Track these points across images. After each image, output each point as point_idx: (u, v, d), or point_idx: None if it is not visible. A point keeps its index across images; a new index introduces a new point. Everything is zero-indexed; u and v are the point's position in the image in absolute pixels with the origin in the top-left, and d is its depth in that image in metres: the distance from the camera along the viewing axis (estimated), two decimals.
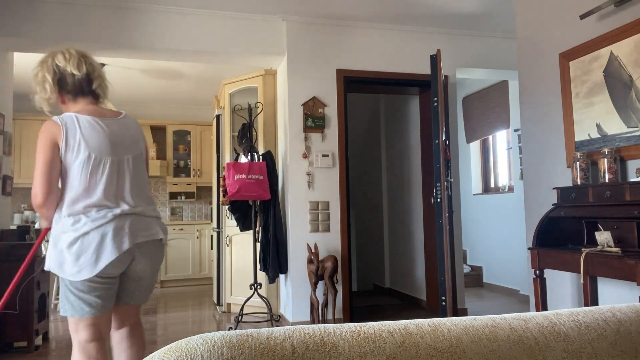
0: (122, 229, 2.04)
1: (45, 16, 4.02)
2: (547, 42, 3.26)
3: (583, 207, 2.68)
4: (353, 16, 4.52)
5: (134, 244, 2.06)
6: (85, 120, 2.10)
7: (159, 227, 2.20)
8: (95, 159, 2.05)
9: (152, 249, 2.16)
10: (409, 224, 5.48)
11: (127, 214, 2.08)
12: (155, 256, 2.20)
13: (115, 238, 2.01)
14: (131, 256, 2.09)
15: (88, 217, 2.01)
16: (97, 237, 1.99)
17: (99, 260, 1.98)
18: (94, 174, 2.05)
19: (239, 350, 0.72)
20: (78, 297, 2.02)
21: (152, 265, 2.19)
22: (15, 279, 2.29)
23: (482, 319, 0.89)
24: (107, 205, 2.05)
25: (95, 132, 2.09)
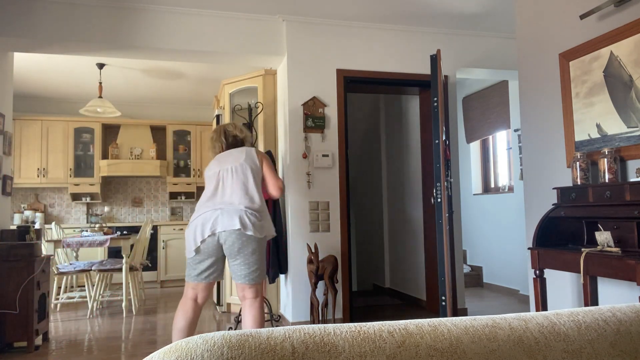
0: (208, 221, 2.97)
1: (45, 16, 4.02)
2: (547, 42, 3.26)
3: (583, 207, 2.68)
4: (353, 16, 4.52)
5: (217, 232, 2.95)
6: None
7: (237, 220, 2.94)
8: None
9: (233, 238, 2.94)
10: (409, 224, 5.48)
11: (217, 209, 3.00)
12: (236, 243, 2.94)
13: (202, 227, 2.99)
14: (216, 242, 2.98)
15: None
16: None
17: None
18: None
19: (239, 350, 0.72)
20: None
21: (235, 250, 2.96)
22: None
23: (482, 319, 0.89)
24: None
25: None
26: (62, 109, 7.26)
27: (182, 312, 3.01)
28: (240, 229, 2.91)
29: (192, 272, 3.03)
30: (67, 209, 7.24)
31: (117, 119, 7.12)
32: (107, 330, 4.44)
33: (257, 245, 2.99)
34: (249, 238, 2.95)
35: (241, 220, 2.93)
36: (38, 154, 6.85)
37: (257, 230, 2.96)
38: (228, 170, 3.10)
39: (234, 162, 3.13)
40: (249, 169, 3.10)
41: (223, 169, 3.11)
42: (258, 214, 3.01)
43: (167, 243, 6.98)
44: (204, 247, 2.96)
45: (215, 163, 3.20)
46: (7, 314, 3.64)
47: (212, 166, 3.19)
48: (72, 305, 5.66)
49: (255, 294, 3.03)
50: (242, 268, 2.98)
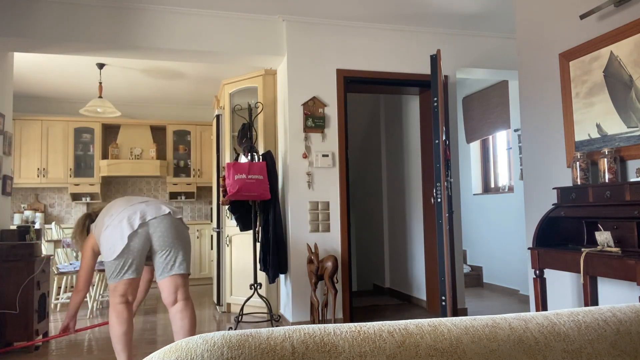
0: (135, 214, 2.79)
1: (45, 16, 4.02)
2: (547, 42, 3.26)
3: (583, 207, 2.68)
4: (353, 16, 4.52)
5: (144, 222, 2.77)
6: None
7: (165, 206, 2.86)
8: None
9: (166, 223, 2.80)
10: (409, 224, 5.49)
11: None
12: (168, 228, 2.81)
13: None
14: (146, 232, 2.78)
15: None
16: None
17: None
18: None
19: (239, 350, 0.72)
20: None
21: (167, 236, 2.80)
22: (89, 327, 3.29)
23: (482, 319, 0.89)
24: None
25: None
26: (62, 109, 7.26)
27: (121, 318, 2.79)
28: (171, 212, 2.83)
29: (124, 268, 2.77)
30: (67, 209, 7.24)
31: (117, 119, 7.12)
32: (107, 330, 4.44)
33: (187, 232, 2.95)
34: (182, 221, 2.90)
35: (167, 206, 2.87)
36: (38, 154, 6.85)
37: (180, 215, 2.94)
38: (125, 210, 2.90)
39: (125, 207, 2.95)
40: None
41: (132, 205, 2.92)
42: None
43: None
44: (137, 241, 2.75)
45: (118, 209, 2.90)
46: (7, 314, 3.64)
47: (115, 215, 2.86)
48: None
49: (188, 292, 2.88)
50: (177, 258, 2.82)
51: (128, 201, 2.91)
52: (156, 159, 7.21)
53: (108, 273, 2.80)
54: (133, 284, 2.79)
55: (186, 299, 2.86)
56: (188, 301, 2.86)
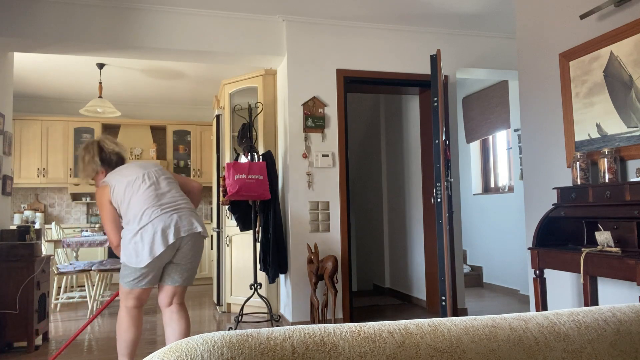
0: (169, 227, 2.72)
1: (45, 16, 4.02)
2: (547, 42, 3.26)
3: (583, 207, 2.68)
4: (353, 16, 4.52)
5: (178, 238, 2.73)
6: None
7: (195, 220, 2.81)
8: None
9: (194, 241, 2.80)
10: (409, 224, 5.49)
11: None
12: (195, 247, 2.82)
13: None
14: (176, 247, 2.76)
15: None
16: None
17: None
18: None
19: (239, 350, 0.72)
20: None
21: (191, 253, 2.82)
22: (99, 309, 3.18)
23: (482, 319, 0.89)
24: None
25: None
26: (62, 109, 7.26)
27: (133, 323, 2.79)
28: (201, 231, 2.80)
29: (145, 280, 2.75)
30: (67, 209, 7.24)
31: (117, 119, 7.12)
32: (107, 330, 4.44)
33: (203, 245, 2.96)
34: (202, 239, 2.88)
35: (198, 221, 2.82)
36: (38, 154, 6.85)
37: (204, 229, 2.86)
38: (151, 174, 2.85)
39: (142, 169, 2.86)
40: (167, 175, 2.94)
41: (144, 173, 2.84)
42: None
43: None
44: (164, 256, 2.71)
45: (130, 174, 2.83)
46: (7, 314, 3.64)
47: (122, 179, 2.80)
48: (72, 305, 5.66)
49: (184, 298, 2.93)
50: (189, 271, 2.85)
51: (158, 197, 2.76)
52: (156, 159, 7.21)
53: (126, 277, 2.74)
54: (149, 291, 2.83)
55: (181, 304, 2.89)
56: (182, 306, 2.89)
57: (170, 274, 2.82)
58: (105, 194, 2.80)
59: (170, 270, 2.82)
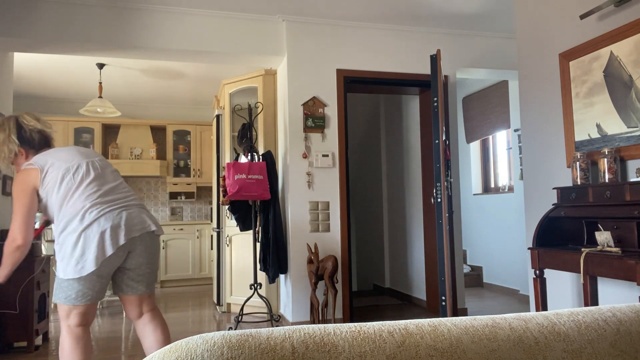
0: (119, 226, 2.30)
1: (45, 16, 4.02)
2: (547, 42, 3.26)
3: (583, 207, 2.68)
4: (353, 16, 4.52)
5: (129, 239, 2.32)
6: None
7: (147, 216, 2.43)
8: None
9: (147, 241, 2.41)
10: (409, 224, 5.49)
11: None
12: (150, 247, 2.44)
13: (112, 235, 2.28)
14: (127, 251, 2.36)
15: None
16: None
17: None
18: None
19: (239, 350, 0.72)
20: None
21: (148, 256, 2.43)
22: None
23: (482, 319, 0.89)
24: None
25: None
26: (62, 109, 7.26)
27: (82, 347, 2.30)
28: (155, 230, 2.41)
29: (91, 291, 2.27)
30: None
31: (117, 119, 7.12)
32: (107, 330, 4.44)
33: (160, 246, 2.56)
34: (158, 239, 2.50)
35: (152, 219, 2.43)
36: None
37: (159, 227, 2.48)
38: (95, 164, 2.42)
39: (84, 157, 2.41)
40: (108, 165, 2.52)
41: (87, 162, 2.40)
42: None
43: (167, 243, 6.98)
44: (113, 261, 2.29)
45: (57, 160, 2.35)
46: (7, 314, 3.64)
47: (60, 164, 2.33)
48: None
49: (154, 301, 2.52)
50: (148, 276, 2.45)
51: (105, 192, 2.34)
52: (156, 159, 7.21)
53: (64, 291, 2.24)
54: (95, 306, 2.35)
55: (152, 309, 2.50)
56: (154, 312, 2.50)
57: (127, 283, 2.41)
58: (32, 178, 2.29)
59: (125, 278, 2.40)
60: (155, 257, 2.48)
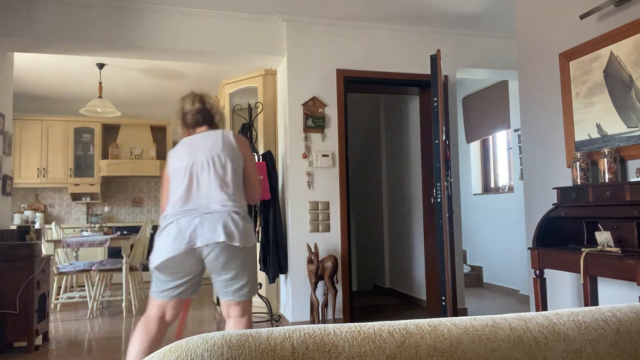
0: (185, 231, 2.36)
1: (45, 16, 4.02)
2: (547, 42, 3.26)
3: (583, 207, 2.68)
4: (353, 16, 4.52)
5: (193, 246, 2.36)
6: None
7: (222, 230, 2.36)
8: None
9: (217, 252, 2.38)
10: (409, 224, 5.48)
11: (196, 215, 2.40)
12: (221, 258, 2.40)
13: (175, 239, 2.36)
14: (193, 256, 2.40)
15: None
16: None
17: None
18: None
19: (239, 350, 0.72)
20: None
21: (220, 266, 2.42)
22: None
23: (482, 319, 0.89)
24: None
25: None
26: (62, 109, 7.26)
27: (143, 331, 2.43)
28: (225, 241, 2.33)
29: (159, 286, 2.43)
30: (67, 209, 7.24)
31: (117, 119, 7.12)
32: (107, 330, 4.44)
33: (246, 256, 2.43)
34: (236, 250, 2.37)
35: (226, 229, 2.35)
36: (38, 154, 6.85)
37: (244, 239, 2.39)
38: (203, 164, 2.46)
39: (210, 151, 2.47)
40: (229, 161, 2.48)
41: (197, 161, 2.46)
42: (243, 218, 2.45)
43: None
44: (178, 262, 2.35)
45: (186, 151, 2.51)
46: (7, 314, 3.64)
47: (181, 155, 2.50)
48: (72, 305, 5.66)
49: (242, 312, 2.48)
50: (227, 284, 2.43)
51: (188, 196, 2.42)
52: (156, 159, 7.21)
53: (152, 281, 2.47)
54: (168, 305, 2.46)
55: (239, 316, 2.49)
56: (241, 319, 2.49)
57: (217, 287, 2.48)
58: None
59: (215, 282, 2.47)
60: (230, 266, 2.39)
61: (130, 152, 7.21)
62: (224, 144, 2.50)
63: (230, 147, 2.51)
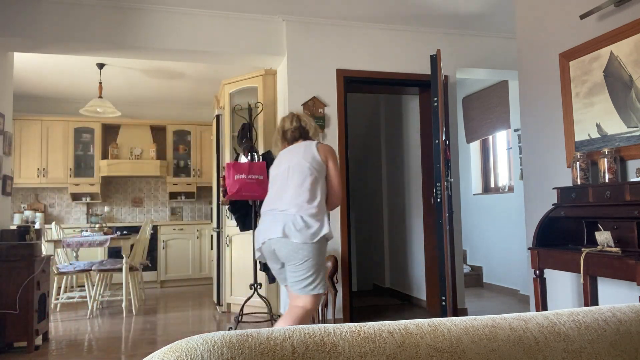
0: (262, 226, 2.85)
1: (45, 16, 4.02)
2: (547, 42, 3.26)
3: (583, 207, 2.68)
4: (353, 16, 4.52)
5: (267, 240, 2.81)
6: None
7: (281, 228, 2.74)
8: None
9: (279, 245, 2.76)
10: (409, 224, 5.48)
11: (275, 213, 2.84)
12: (283, 251, 2.76)
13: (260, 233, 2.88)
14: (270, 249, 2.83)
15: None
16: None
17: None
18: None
19: (239, 350, 0.72)
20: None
21: (284, 258, 2.79)
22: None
23: (482, 319, 0.89)
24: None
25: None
26: (62, 109, 7.26)
27: (287, 311, 2.83)
28: (282, 236, 2.70)
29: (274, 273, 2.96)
30: (67, 209, 7.24)
31: (117, 119, 7.12)
32: (107, 330, 4.44)
33: (309, 252, 2.70)
34: (296, 246, 2.70)
35: (285, 227, 2.71)
36: (38, 154, 6.85)
37: (305, 236, 2.70)
38: (289, 171, 2.89)
39: (295, 161, 2.89)
40: (312, 167, 2.84)
41: (286, 169, 2.92)
42: (311, 219, 2.75)
43: (167, 243, 6.98)
44: (265, 253, 2.87)
45: (280, 161, 3.00)
46: (7, 314, 3.64)
47: (277, 163, 3.01)
48: (72, 305, 5.66)
49: (303, 304, 2.75)
50: (291, 275, 2.76)
51: (277, 196, 2.88)
52: (156, 159, 7.21)
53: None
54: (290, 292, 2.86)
55: (295, 306, 2.77)
56: (293, 309, 2.77)
57: (287, 277, 2.84)
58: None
59: (286, 273, 2.84)
60: (293, 262, 2.74)
61: (130, 152, 7.20)
62: (305, 154, 2.90)
63: (311, 156, 2.88)
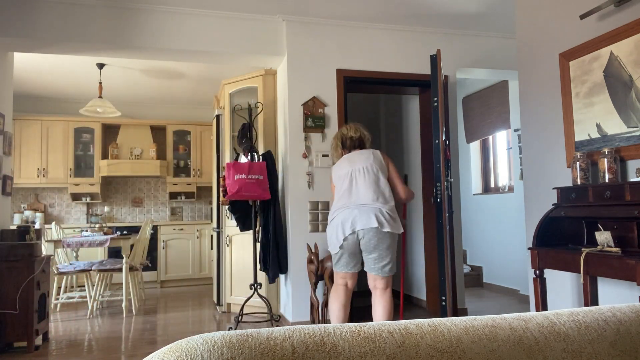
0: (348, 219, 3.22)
1: (46, 16, 4.02)
2: (547, 42, 3.26)
3: (583, 207, 2.68)
4: (353, 16, 4.52)
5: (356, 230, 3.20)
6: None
7: (374, 218, 3.17)
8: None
9: (371, 235, 3.18)
10: (409, 223, 5.48)
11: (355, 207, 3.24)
12: (373, 240, 3.19)
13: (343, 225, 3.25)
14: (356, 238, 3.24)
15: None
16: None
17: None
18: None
19: (239, 350, 0.72)
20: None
21: (372, 246, 3.21)
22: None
23: (482, 319, 0.89)
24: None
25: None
26: (62, 109, 7.26)
27: (335, 296, 3.33)
28: (378, 227, 3.13)
29: (339, 263, 3.32)
30: (67, 209, 7.24)
31: (117, 119, 7.12)
32: (107, 330, 4.44)
33: (392, 240, 3.22)
34: (385, 235, 3.17)
35: (377, 218, 3.15)
36: (38, 154, 6.85)
37: (392, 227, 3.18)
38: (360, 170, 3.31)
39: (364, 162, 3.33)
40: (379, 169, 3.32)
41: (355, 168, 3.32)
42: (392, 212, 3.23)
43: (167, 243, 6.98)
44: (346, 244, 3.22)
45: (346, 163, 3.39)
46: (7, 314, 3.64)
47: (343, 165, 3.38)
48: (72, 305, 5.66)
49: (385, 285, 3.28)
50: (377, 261, 3.21)
51: (349, 194, 3.28)
52: (156, 159, 7.21)
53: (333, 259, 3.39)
54: (347, 276, 3.33)
55: (383, 289, 3.27)
56: (383, 291, 3.27)
57: (367, 263, 3.27)
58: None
59: (365, 259, 3.27)
60: (379, 248, 3.19)
61: (130, 152, 7.21)
62: (374, 159, 3.36)
63: (378, 161, 3.36)
